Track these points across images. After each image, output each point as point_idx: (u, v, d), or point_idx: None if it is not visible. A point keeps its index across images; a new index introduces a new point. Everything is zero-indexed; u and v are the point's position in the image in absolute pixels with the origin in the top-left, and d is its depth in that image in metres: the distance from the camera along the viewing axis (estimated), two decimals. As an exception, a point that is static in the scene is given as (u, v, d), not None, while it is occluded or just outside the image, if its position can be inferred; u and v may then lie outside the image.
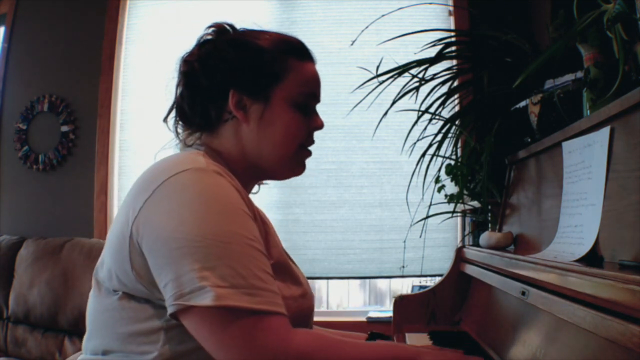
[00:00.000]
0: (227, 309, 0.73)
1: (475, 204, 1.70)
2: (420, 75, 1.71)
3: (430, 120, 1.75)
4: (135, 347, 0.81)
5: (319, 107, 1.02)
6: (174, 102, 0.98)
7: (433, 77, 1.75)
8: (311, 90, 0.97)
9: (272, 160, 0.95)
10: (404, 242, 2.07)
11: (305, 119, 0.96)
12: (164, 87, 0.98)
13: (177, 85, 0.97)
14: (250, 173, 0.97)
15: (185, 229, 0.76)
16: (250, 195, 1.09)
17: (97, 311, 0.87)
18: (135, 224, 0.80)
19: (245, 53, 0.92)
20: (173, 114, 0.98)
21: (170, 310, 0.76)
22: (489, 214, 1.63)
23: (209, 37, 0.97)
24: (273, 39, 0.94)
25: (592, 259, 0.89)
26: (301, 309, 0.91)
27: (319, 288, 3.09)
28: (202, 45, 0.96)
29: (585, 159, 0.99)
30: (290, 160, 0.96)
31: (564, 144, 1.10)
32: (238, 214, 0.80)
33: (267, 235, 0.89)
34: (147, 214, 0.79)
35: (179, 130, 0.99)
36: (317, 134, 1.06)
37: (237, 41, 0.94)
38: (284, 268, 0.90)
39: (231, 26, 0.98)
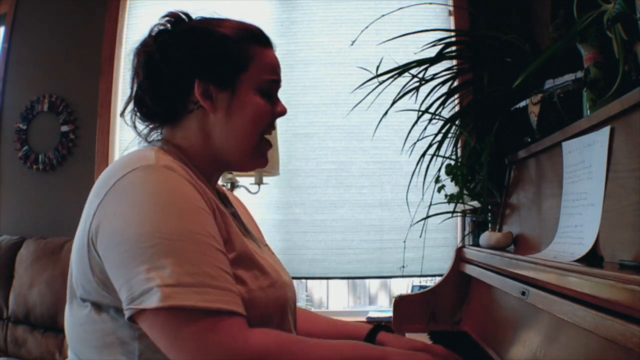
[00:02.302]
0: (176, 309, 0.71)
1: (475, 204, 1.70)
2: (420, 75, 1.71)
3: (430, 120, 1.75)
4: (111, 358, 0.80)
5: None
6: (132, 96, 0.95)
7: (433, 77, 1.75)
8: (275, 77, 0.95)
9: (236, 150, 0.93)
10: (404, 242, 2.07)
11: (270, 106, 0.94)
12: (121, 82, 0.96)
13: (133, 78, 0.94)
14: (213, 165, 0.95)
15: (132, 230, 0.74)
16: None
17: (71, 325, 0.86)
18: (91, 229, 0.79)
19: (209, 42, 0.90)
20: (130, 108, 0.95)
21: (126, 315, 0.74)
22: (489, 214, 1.63)
23: (163, 27, 0.94)
24: (234, 27, 0.93)
25: (592, 259, 0.89)
26: (271, 299, 0.88)
27: (319, 288, 3.09)
28: (158, 35, 0.93)
29: (585, 159, 0.99)
30: (254, 150, 0.94)
31: (564, 144, 1.10)
32: (187, 210, 0.78)
33: (227, 227, 0.86)
34: (99, 219, 0.78)
35: (137, 125, 0.96)
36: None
37: (200, 29, 0.92)
38: (248, 258, 0.87)
39: (187, 15, 0.96)
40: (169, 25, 0.94)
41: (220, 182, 1.13)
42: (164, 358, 0.78)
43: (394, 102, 1.69)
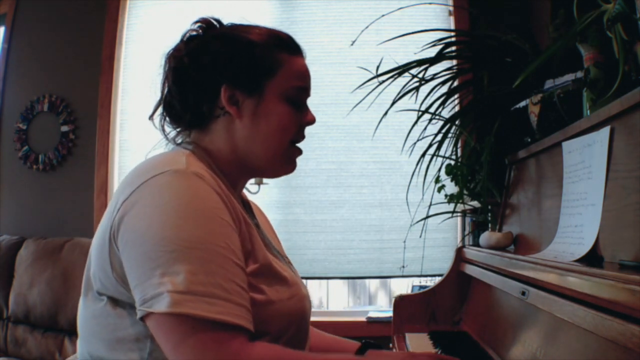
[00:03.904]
0: (183, 317, 0.72)
1: (475, 204, 1.70)
2: (420, 75, 1.71)
3: (430, 120, 1.75)
4: (122, 354, 0.80)
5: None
6: (161, 99, 0.96)
7: (433, 77, 1.75)
8: (303, 84, 0.95)
9: (263, 157, 0.93)
10: (404, 242, 2.07)
11: (297, 114, 0.94)
12: (149, 85, 0.96)
13: (164, 82, 0.95)
14: (240, 171, 0.95)
15: (153, 232, 0.75)
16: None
17: (85, 317, 0.86)
18: (114, 225, 0.79)
19: (237, 48, 0.91)
20: (159, 111, 0.97)
21: (137, 315, 0.75)
22: (489, 214, 1.63)
23: (195, 32, 0.95)
24: (263, 33, 0.93)
25: (592, 259, 0.89)
26: (291, 311, 0.89)
27: (319, 288, 3.09)
28: (189, 40, 0.95)
29: (585, 159, 0.99)
30: (282, 157, 0.94)
31: (564, 144, 1.10)
32: (211, 220, 0.78)
33: (251, 238, 0.87)
34: (123, 216, 0.79)
35: (166, 128, 0.97)
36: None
37: (228, 36, 0.92)
38: (269, 271, 0.88)
39: (218, 21, 0.97)
40: (200, 31, 0.95)
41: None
42: None
43: (394, 102, 1.69)
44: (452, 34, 2.02)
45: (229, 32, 0.94)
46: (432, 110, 1.73)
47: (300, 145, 0.98)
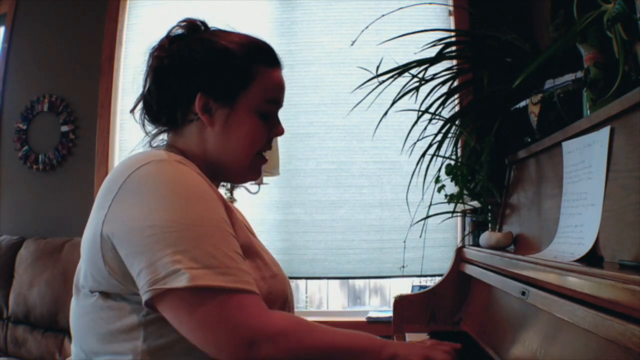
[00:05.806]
0: (202, 289, 0.75)
1: (475, 204, 1.70)
2: (420, 75, 1.71)
3: (430, 120, 1.75)
4: (117, 346, 0.82)
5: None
6: (142, 96, 0.99)
7: (433, 77, 1.75)
8: (276, 97, 0.98)
9: (230, 165, 0.96)
10: (404, 242, 2.07)
11: (266, 126, 0.97)
12: (135, 79, 0.99)
13: (145, 79, 0.98)
14: (210, 173, 0.97)
15: (155, 216, 0.78)
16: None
17: (77, 315, 0.88)
18: (105, 221, 0.81)
19: (216, 57, 0.92)
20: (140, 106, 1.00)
21: (145, 297, 0.76)
22: (489, 214, 1.63)
23: (180, 31, 0.97)
24: (244, 43, 0.95)
25: (592, 259, 0.89)
26: (272, 291, 0.91)
27: (318, 290, 3.09)
28: (173, 40, 0.97)
29: (585, 159, 0.99)
30: (248, 167, 0.98)
31: (564, 144, 1.10)
32: (205, 198, 0.83)
33: (232, 219, 0.90)
34: (116, 210, 0.81)
35: (146, 124, 1.00)
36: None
37: (209, 42, 0.94)
38: (251, 250, 0.91)
39: (203, 23, 0.98)
40: (185, 31, 0.97)
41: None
42: (165, 343, 0.81)
43: (394, 102, 1.69)
44: (452, 34, 2.02)
45: (210, 38, 0.95)
46: (432, 110, 1.73)
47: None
